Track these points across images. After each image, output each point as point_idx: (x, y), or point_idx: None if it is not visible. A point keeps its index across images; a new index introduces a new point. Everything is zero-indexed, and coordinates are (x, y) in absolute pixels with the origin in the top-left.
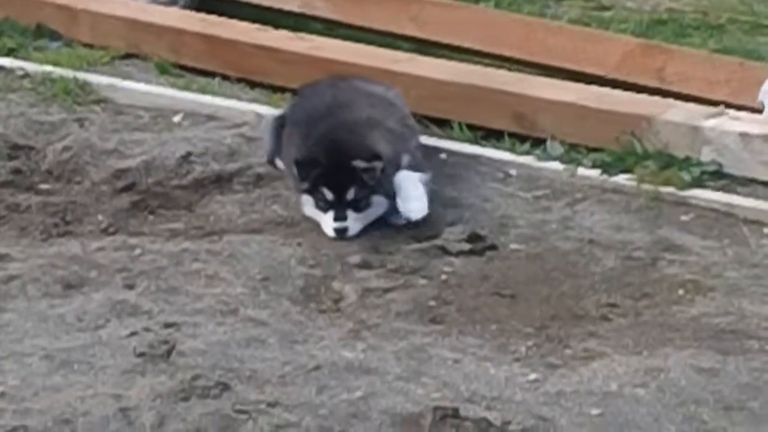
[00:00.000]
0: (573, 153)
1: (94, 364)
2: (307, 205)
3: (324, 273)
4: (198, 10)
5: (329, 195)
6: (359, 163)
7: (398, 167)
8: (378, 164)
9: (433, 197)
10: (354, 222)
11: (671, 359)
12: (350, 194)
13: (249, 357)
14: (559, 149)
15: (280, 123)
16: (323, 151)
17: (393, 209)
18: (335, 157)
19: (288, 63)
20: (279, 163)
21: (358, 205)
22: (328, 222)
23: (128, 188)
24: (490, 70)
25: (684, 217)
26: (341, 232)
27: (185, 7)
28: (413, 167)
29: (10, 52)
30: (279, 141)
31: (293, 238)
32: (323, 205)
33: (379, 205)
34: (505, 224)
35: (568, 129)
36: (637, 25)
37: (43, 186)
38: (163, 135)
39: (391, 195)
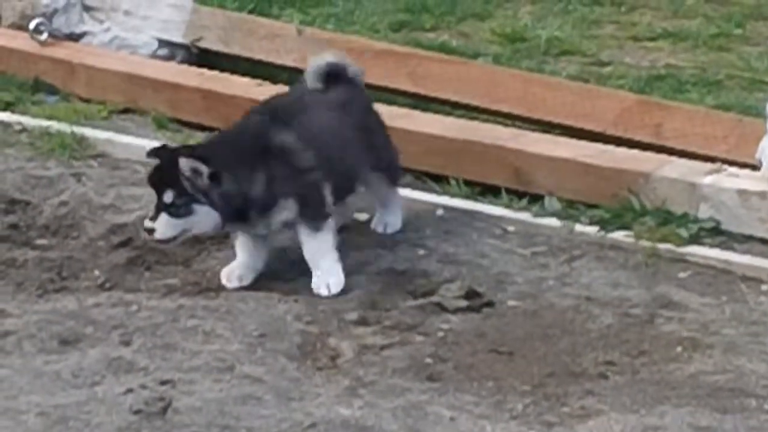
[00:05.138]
0: (570, 209)
1: (90, 421)
2: None
3: (320, 329)
4: (196, 65)
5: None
6: (183, 164)
7: (267, 204)
8: (194, 175)
9: (430, 253)
10: (166, 226)
11: (669, 417)
12: (167, 197)
13: (245, 414)
14: (556, 205)
15: None
16: (158, 154)
17: None
18: (162, 159)
19: None
20: None
21: (177, 211)
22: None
23: (125, 244)
24: (487, 125)
25: (682, 274)
26: (149, 233)
27: (183, 61)
28: (309, 222)
29: (7, 107)
30: None
31: (290, 294)
32: None
33: (205, 215)
34: (503, 281)
35: (566, 185)
36: (635, 81)
37: (40, 241)
38: None
39: (227, 210)
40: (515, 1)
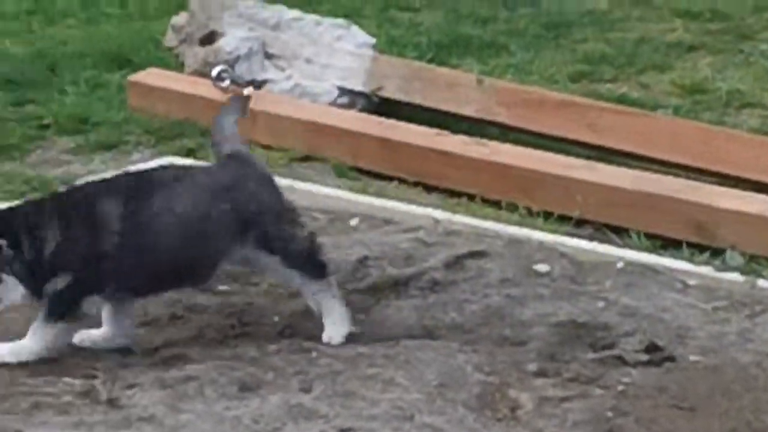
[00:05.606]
0: (753, 264)
1: None
2: None
3: (500, 380)
4: (376, 113)
5: None
6: None
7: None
8: None
9: (610, 306)
10: None
11: None
12: None
13: None
14: (738, 260)
15: None
16: None
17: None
18: None
19: (465, 168)
20: None
21: None
22: None
23: None
24: (668, 178)
25: None
26: None
27: (363, 110)
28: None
29: (189, 153)
30: None
31: (470, 344)
32: None
33: (12, 286)
34: (683, 335)
35: (749, 240)
36: None
37: (222, 287)
38: (340, 238)
39: (30, 281)
40: (695, 52)
